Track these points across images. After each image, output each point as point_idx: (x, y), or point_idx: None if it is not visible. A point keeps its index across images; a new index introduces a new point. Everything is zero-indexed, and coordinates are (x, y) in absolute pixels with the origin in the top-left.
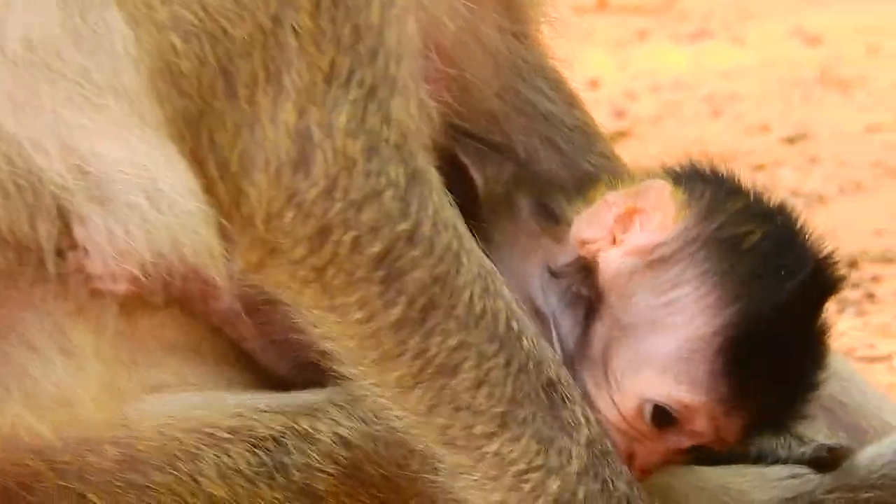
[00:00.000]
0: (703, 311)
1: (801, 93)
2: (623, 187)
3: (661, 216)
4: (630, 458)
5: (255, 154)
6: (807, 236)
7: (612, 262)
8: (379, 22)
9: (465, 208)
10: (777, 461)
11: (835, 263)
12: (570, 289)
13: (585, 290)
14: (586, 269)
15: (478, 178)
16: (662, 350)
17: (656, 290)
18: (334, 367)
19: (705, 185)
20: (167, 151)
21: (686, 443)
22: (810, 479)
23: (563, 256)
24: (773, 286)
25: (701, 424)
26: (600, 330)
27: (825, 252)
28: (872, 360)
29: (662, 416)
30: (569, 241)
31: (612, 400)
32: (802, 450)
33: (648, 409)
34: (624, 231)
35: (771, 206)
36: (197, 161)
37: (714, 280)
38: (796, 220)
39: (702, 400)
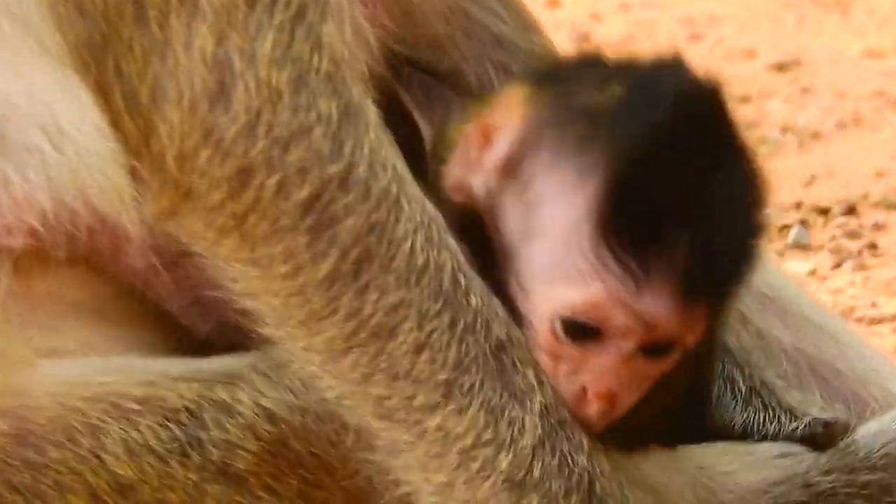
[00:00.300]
0: (563, 195)
1: (792, 13)
2: (481, 109)
3: (508, 121)
4: (583, 393)
5: (167, 85)
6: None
7: (478, 191)
8: None
9: (410, 161)
10: (765, 438)
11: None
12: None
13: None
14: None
15: (424, 127)
16: (542, 259)
17: (517, 199)
18: (257, 328)
19: (568, 72)
20: (69, 84)
21: (633, 350)
22: (803, 459)
23: None
24: (638, 127)
25: (622, 320)
26: (499, 269)
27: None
28: (875, 320)
29: (577, 329)
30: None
31: (532, 332)
32: (794, 425)
33: (559, 326)
34: (482, 154)
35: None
36: (102, 93)
37: (568, 158)
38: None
39: (600, 290)
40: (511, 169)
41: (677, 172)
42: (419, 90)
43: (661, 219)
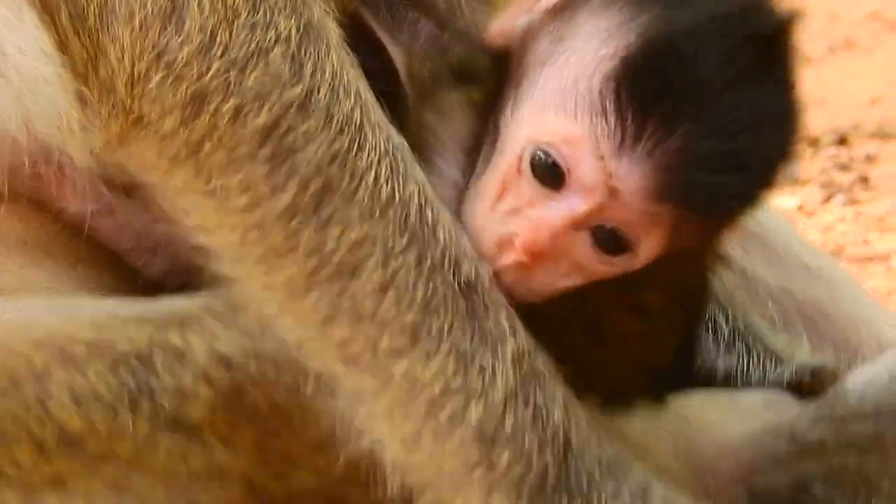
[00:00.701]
0: (597, 36)
1: None
2: None
3: None
4: (509, 240)
5: (116, 2)
6: None
7: (519, 30)
8: None
9: (378, 88)
10: (750, 384)
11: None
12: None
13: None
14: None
15: (394, 52)
16: (549, 83)
17: (552, 33)
18: (211, 266)
19: None
20: (12, 2)
21: (583, 214)
22: (789, 408)
23: None
24: (693, 15)
25: (589, 172)
26: (498, 112)
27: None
28: (866, 259)
29: (543, 166)
30: None
31: (500, 160)
32: (780, 371)
33: (528, 155)
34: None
35: None
36: (47, 13)
37: (615, 12)
38: None
39: (585, 129)
40: (558, 10)
41: (709, 69)
42: (387, 12)
43: (674, 99)
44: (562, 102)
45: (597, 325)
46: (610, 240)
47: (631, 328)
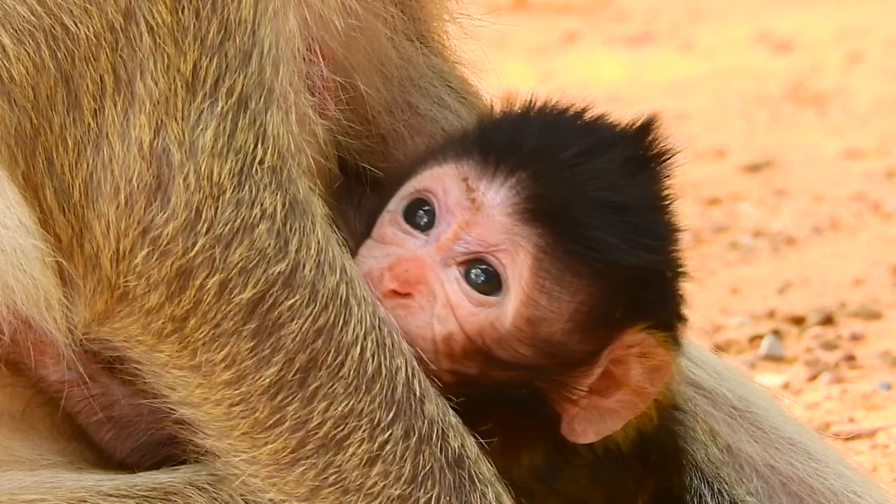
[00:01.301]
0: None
1: (766, 111)
2: None
3: None
4: (380, 273)
5: (101, 179)
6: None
7: None
8: (252, 17)
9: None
10: None
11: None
12: None
13: None
14: None
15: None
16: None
17: None
18: (195, 439)
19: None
20: None
21: (450, 238)
22: None
23: None
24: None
25: (455, 194)
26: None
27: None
28: (852, 437)
29: (413, 209)
30: None
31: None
32: None
33: (402, 207)
34: None
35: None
36: (31, 189)
37: None
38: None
39: (450, 164)
40: None
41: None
42: (351, 196)
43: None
44: (431, 162)
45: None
46: (479, 275)
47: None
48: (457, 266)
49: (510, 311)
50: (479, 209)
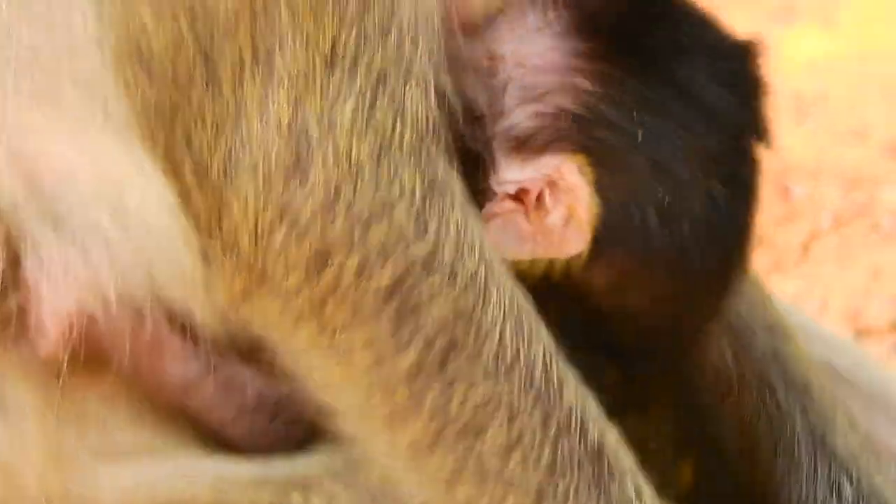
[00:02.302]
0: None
1: None
2: None
3: None
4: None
5: (240, 157)
6: None
7: None
8: None
9: None
10: None
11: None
12: None
13: None
14: None
15: None
16: None
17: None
18: (333, 425)
19: None
20: (136, 155)
21: None
22: None
23: None
24: None
25: None
26: None
27: None
28: None
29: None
30: None
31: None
32: None
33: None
34: None
35: None
36: (171, 167)
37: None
38: None
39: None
40: None
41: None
42: None
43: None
44: None
45: None
46: None
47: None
48: None
49: None
50: None
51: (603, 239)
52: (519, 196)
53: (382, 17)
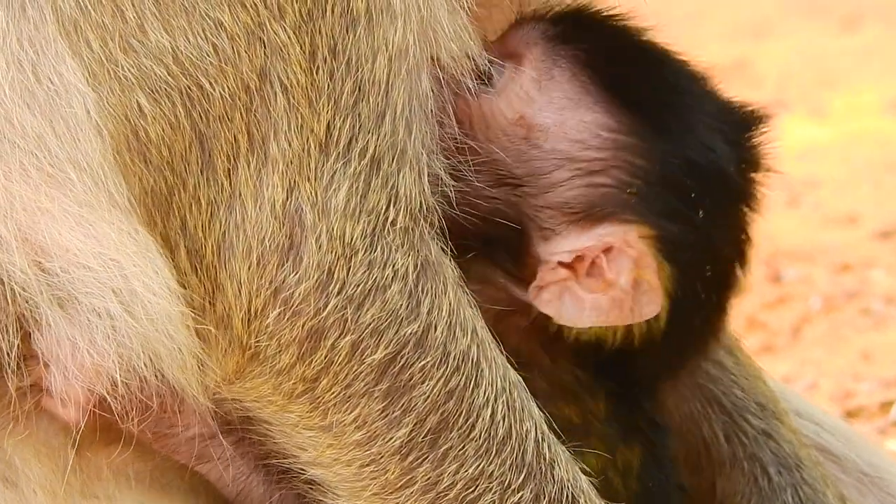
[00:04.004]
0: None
1: None
2: None
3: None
4: None
5: (234, 239)
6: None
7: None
8: (386, 77)
9: None
10: None
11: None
12: None
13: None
14: None
15: None
16: None
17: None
18: (325, 500)
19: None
20: (140, 240)
21: None
22: None
23: None
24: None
25: None
26: None
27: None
28: None
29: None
30: None
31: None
32: None
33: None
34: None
35: None
36: (168, 249)
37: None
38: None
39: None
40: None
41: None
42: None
43: None
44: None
45: None
46: None
47: None
48: None
49: None
50: None
51: (675, 300)
52: (573, 264)
53: (377, 103)
